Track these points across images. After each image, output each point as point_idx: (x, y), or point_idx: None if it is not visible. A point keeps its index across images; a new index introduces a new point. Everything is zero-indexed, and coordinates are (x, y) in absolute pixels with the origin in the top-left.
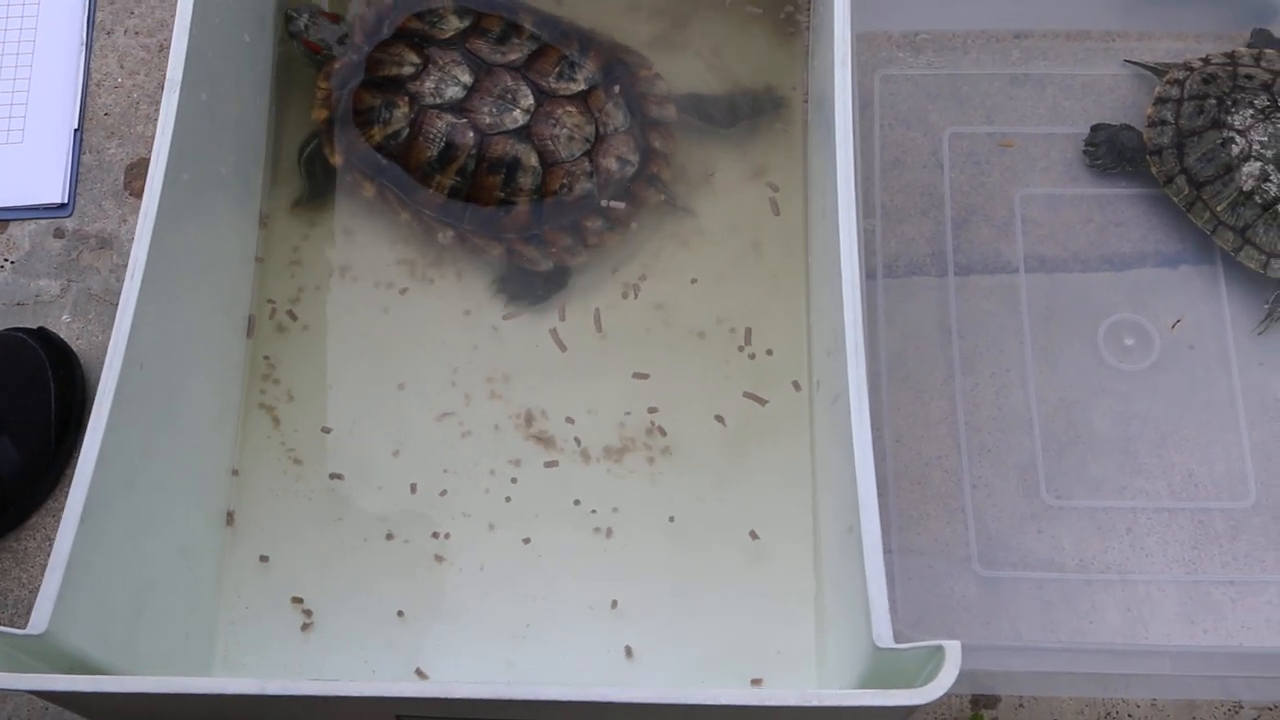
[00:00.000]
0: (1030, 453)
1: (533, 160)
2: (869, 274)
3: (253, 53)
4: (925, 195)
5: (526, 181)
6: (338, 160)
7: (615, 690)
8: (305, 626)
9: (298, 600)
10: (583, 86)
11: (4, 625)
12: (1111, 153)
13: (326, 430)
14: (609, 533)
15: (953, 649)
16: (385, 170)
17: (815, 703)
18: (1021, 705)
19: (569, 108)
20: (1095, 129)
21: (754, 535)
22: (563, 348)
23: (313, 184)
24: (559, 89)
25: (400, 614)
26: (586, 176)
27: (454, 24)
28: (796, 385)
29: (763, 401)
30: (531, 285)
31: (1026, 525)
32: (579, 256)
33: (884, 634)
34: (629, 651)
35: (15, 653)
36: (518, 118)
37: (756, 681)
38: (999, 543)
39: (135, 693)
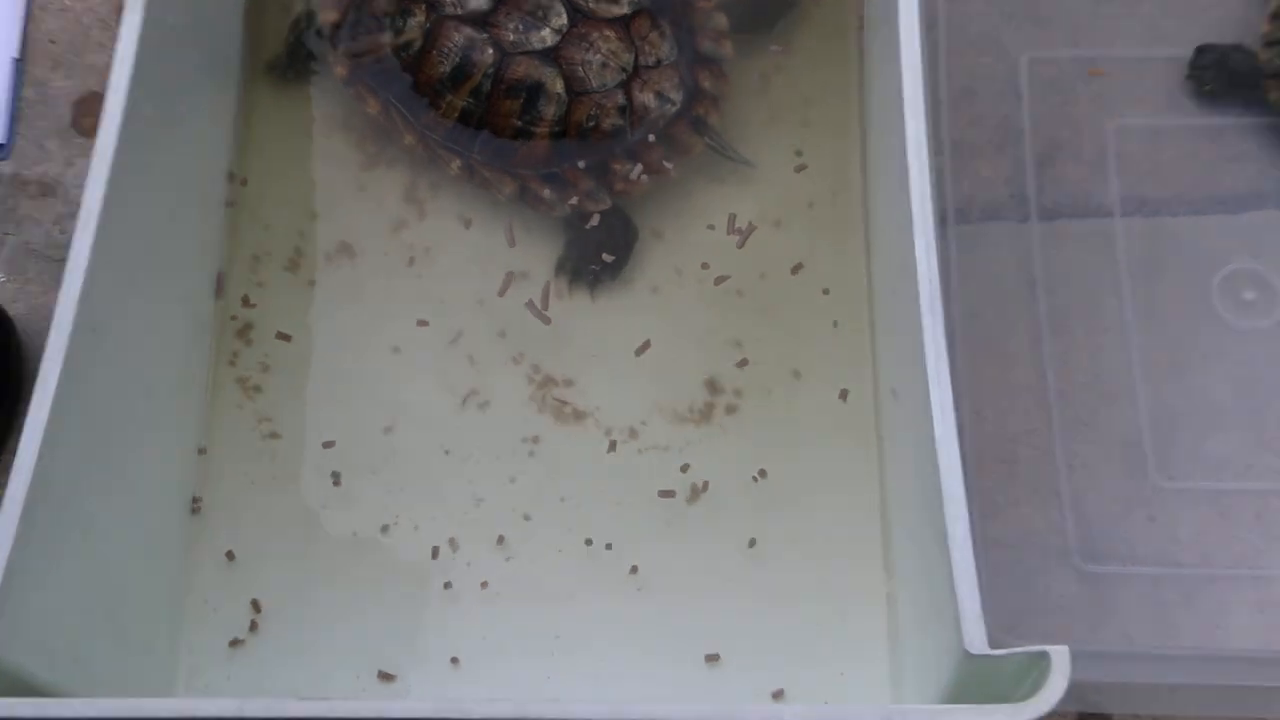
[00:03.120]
0: (1135, 426)
1: (557, 87)
2: (939, 220)
3: None
4: (1001, 129)
5: (548, 111)
6: (341, 71)
7: (660, 708)
8: (285, 634)
9: (276, 603)
10: (626, 10)
11: None
12: (1221, 77)
13: (307, 402)
14: (642, 523)
15: (1060, 655)
16: (393, 85)
17: None
18: None
19: (607, 32)
20: (1201, 50)
21: (809, 521)
22: (547, 310)
23: (293, 59)
24: (598, 9)
25: (404, 623)
26: (618, 111)
27: None
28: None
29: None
30: (587, 248)
31: (1135, 512)
32: (602, 204)
33: (976, 638)
34: (679, 662)
35: None
36: (546, 37)
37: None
38: (1102, 533)
39: (87, 718)
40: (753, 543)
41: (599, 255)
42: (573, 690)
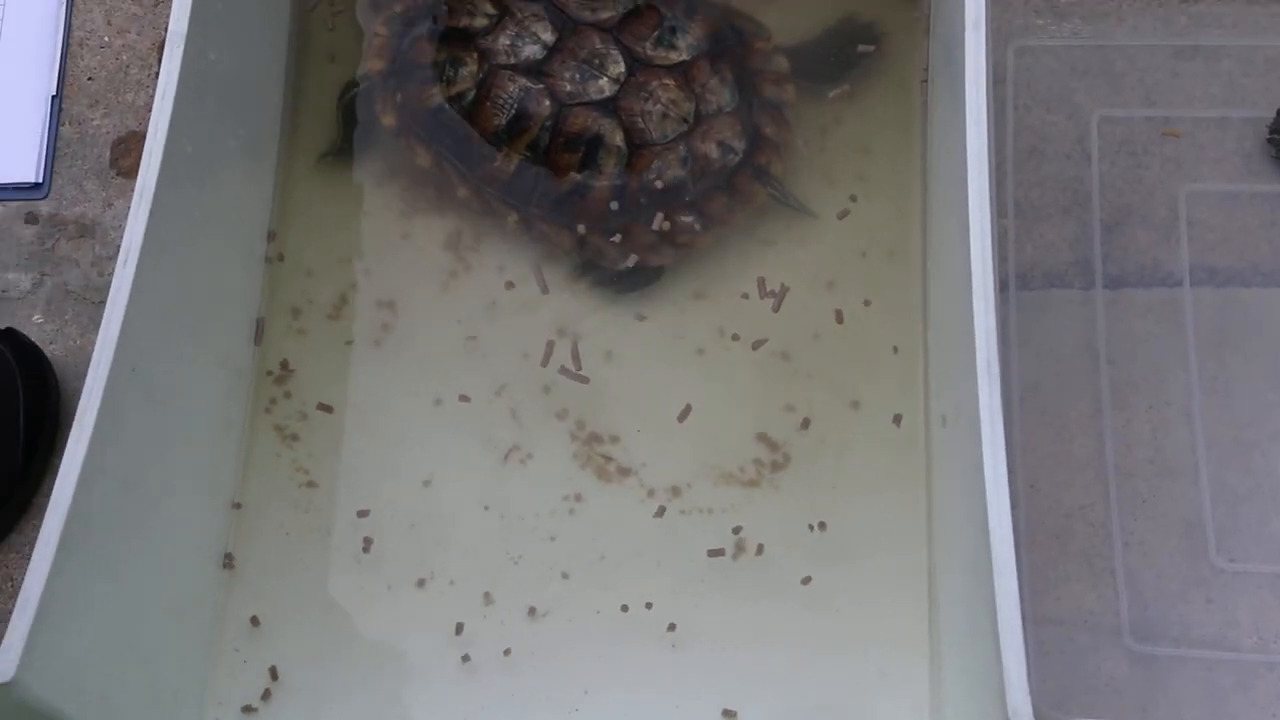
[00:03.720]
0: (1197, 505)
1: (617, 139)
2: (1000, 285)
3: (267, 4)
4: (1068, 191)
5: (609, 163)
6: (390, 121)
7: None
8: (318, 689)
9: (296, 670)
10: (685, 56)
11: None
12: None
13: (345, 452)
14: (689, 580)
15: None
16: (445, 137)
17: None
18: None
19: (666, 80)
20: None
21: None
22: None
23: (346, 133)
24: (656, 57)
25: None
26: (680, 163)
27: None
28: (897, 420)
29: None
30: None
31: (1192, 593)
32: (665, 258)
33: (1022, 709)
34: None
35: None
36: (604, 87)
37: None
38: (1157, 613)
39: None
40: (801, 598)
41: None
42: None
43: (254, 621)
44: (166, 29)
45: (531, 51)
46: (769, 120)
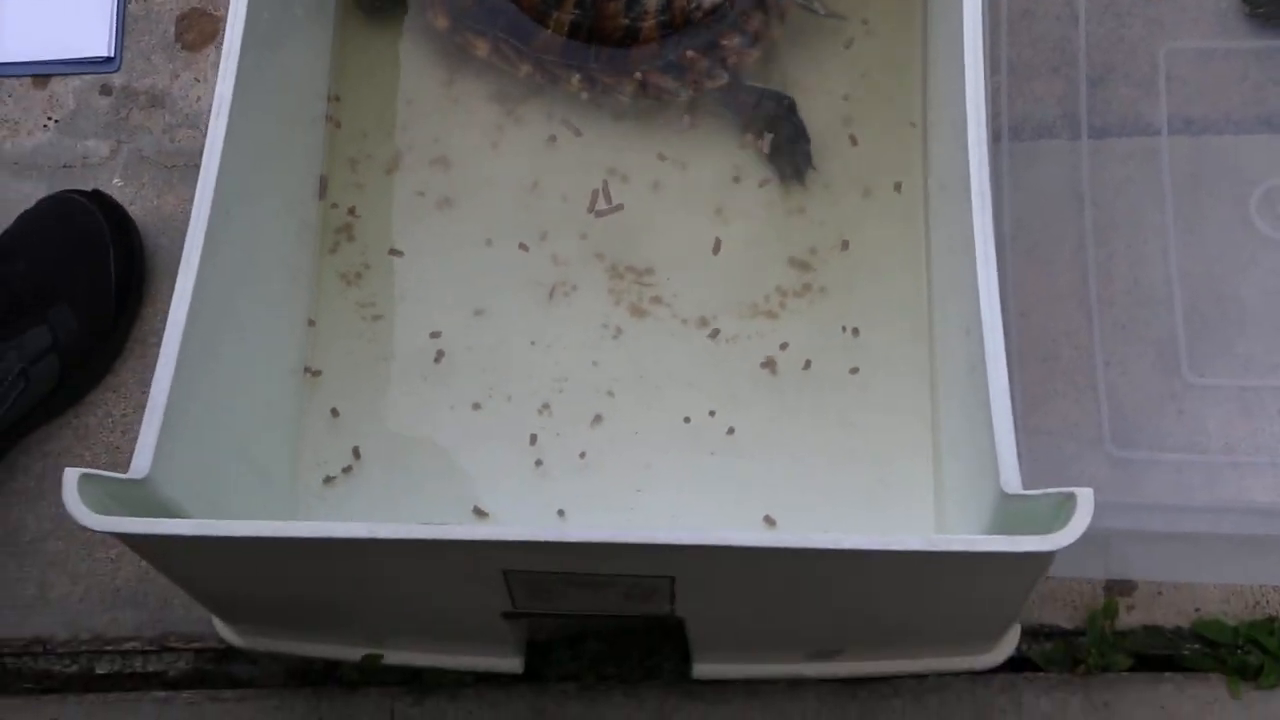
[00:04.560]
0: (1170, 328)
1: None
2: (994, 136)
3: None
4: (1057, 50)
5: (651, 3)
6: (443, 23)
7: (744, 535)
8: (385, 475)
9: (374, 452)
10: None
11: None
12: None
13: (405, 288)
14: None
15: (1084, 495)
16: (497, 19)
17: (942, 548)
18: (1160, 593)
19: None
20: None
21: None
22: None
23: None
24: None
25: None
26: None
27: None
28: (898, 187)
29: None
30: (794, 145)
31: (1165, 405)
32: (720, 80)
33: (1011, 479)
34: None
35: (109, 500)
36: None
37: None
38: (1134, 423)
39: (241, 536)
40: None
41: (799, 138)
42: None
43: (334, 413)
44: None
45: None
46: None
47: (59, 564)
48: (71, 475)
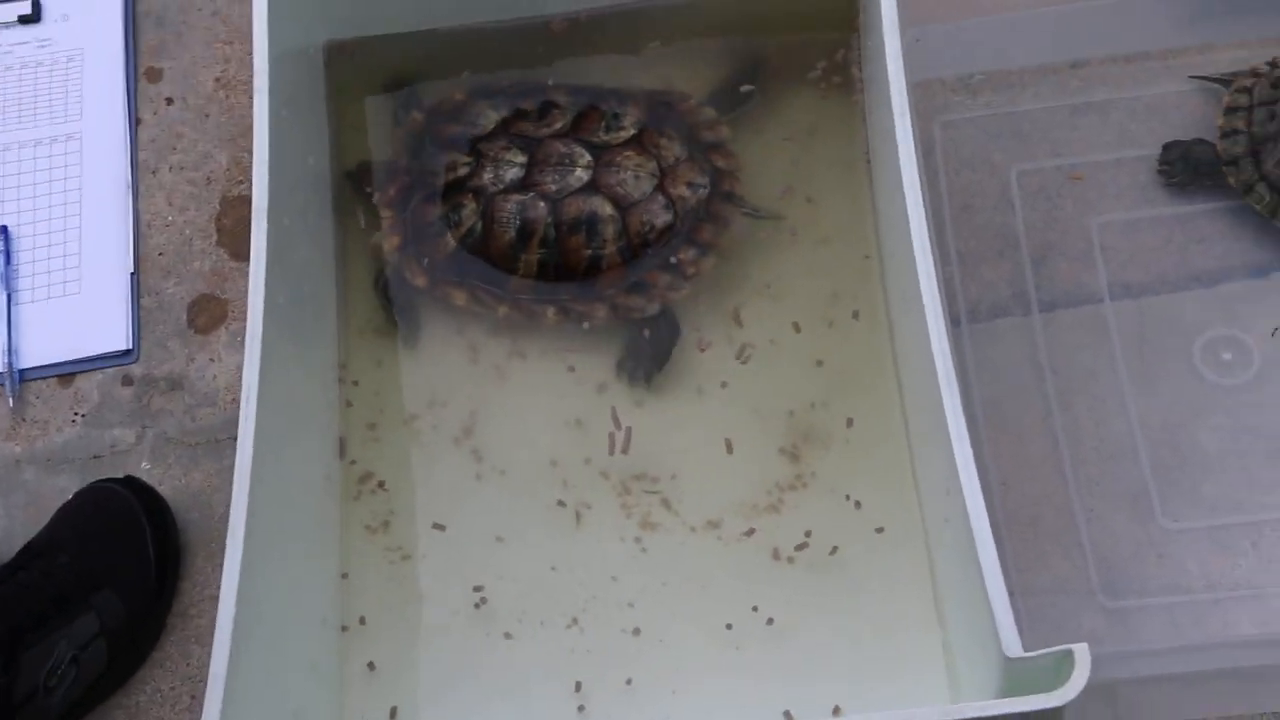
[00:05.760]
0: (1140, 479)
1: (608, 209)
2: (953, 321)
3: (316, 175)
4: (1000, 236)
5: (609, 231)
6: (421, 281)
7: None
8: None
9: (419, 708)
10: (632, 131)
11: None
12: (1187, 169)
13: (439, 527)
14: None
15: (1081, 650)
16: (470, 269)
17: (957, 716)
18: None
19: (626, 152)
20: (1167, 147)
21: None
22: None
23: (392, 310)
24: (610, 139)
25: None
26: (664, 209)
27: (492, 117)
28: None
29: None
30: (641, 352)
31: (1146, 552)
32: (682, 290)
33: (1012, 643)
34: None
35: None
36: (581, 176)
37: None
38: (1120, 573)
39: None
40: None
41: (651, 356)
42: None
43: (370, 667)
44: (220, 203)
45: (513, 174)
46: (719, 156)
47: None
48: None
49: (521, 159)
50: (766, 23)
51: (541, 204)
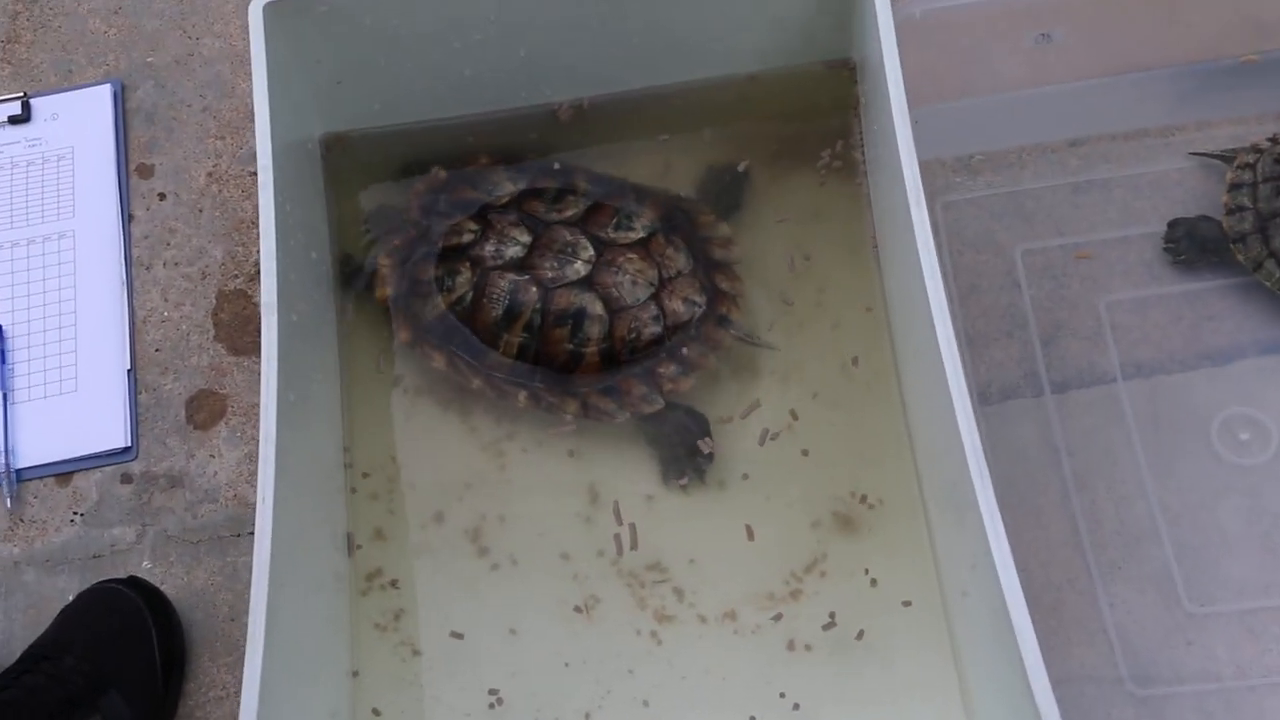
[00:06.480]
0: (1163, 562)
1: (598, 309)
2: None
3: (318, 268)
4: (1008, 316)
5: (594, 330)
6: (405, 336)
7: None
8: None
9: None
10: (641, 234)
11: None
12: (1193, 246)
13: (458, 636)
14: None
15: None
16: (454, 336)
17: None
18: None
19: (630, 254)
20: (1172, 224)
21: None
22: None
23: (347, 282)
24: (618, 238)
25: None
26: (654, 320)
27: (508, 189)
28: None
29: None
30: (676, 452)
31: (1174, 637)
32: (655, 405)
33: None
34: None
35: None
36: (580, 269)
37: None
38: (1148, 659)
39: None
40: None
41: (688, 451)
42: None
43: None
44: (216, 297)
45: (514, 252)
46: (723, 276)
47: None
48: None
49: (526, 239)
50: (766, 108)
51: (534, 289)
